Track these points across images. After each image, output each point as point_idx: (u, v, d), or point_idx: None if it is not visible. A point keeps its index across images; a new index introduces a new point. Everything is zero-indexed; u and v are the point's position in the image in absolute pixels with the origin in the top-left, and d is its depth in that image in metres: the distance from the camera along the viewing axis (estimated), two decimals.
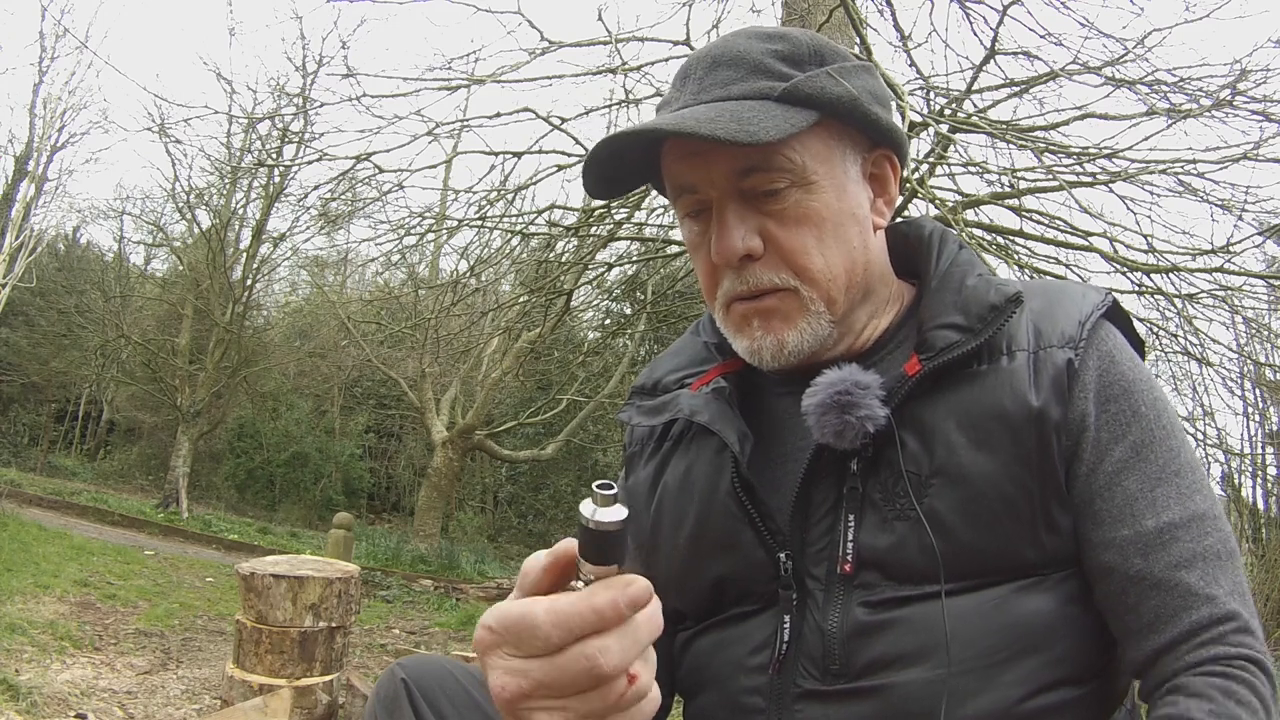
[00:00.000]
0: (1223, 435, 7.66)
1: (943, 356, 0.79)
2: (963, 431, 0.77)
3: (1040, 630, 0.75)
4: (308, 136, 6.83)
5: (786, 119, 0.77)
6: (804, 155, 0.80)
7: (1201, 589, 0.73)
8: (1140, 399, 0.79)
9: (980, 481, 0.76)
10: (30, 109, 16.57)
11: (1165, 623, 0.73)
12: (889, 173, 0.88)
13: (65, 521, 10.30)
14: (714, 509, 0.87)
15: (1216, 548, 0.75)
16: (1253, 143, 4.20)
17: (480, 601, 8.50)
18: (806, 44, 0.83)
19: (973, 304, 0.81)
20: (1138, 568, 0.74)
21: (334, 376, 19.39)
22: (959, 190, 5.34)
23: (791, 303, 0.82)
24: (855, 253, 0.84)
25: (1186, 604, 0.72)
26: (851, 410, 0.77)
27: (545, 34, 5.03)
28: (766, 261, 0.82)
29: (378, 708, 0.84)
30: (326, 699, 3.27)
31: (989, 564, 0.76)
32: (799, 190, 0.80)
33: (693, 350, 0.99)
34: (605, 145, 0.80)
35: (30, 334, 17.44)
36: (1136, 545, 0.75)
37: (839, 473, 0.81)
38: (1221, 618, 0.72)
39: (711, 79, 0.81)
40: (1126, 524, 0.75)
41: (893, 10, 4.77)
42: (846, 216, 0.83)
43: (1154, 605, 0.73)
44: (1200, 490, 0.77)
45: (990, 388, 0.78)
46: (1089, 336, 0.80)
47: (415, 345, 12.33)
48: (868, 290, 0.87)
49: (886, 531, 0.78)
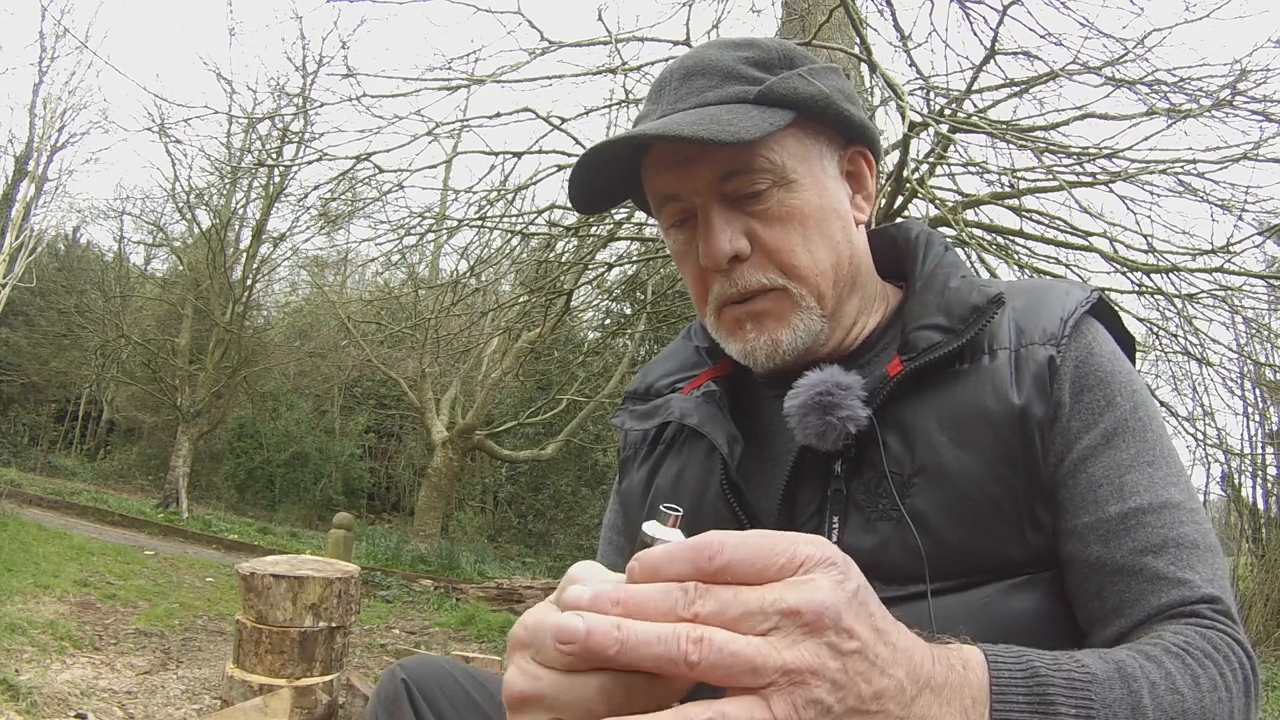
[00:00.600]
0: (1223, 435, 7.65)
1: (924, 357, 0.79)
2: (945, 431, 0.77)
3: (1029, 629, 0.73)
4: (308, 136, 6.83)
5: (764, 119, 0.78)
6: (783, 155, 0.81)
7: (1173, 573, 0.69)
8: (1117, 390, 0.77)
9: (963, 480, 0.75)
10: (30, 109, 16.63)
11: (1131, 606, 0.70)
12: (864, 169, 0.89)
13: (65, 521, 10.30)
14: (704, 511, 0.87)
15: (1193, 537, 0.71)
16: (1253, 143, 4.20)
17: (480, 601, 8.50)
18: (775, 50, 0.85)
19: (955, 305, 0.82)
20: (1098, 554, 0.72)
21: (334, 376, 19.41)
22: (959, 190, 5.35)
23: (783, 302, 0.83)
24: (840, 247, 0.85)
25: (1154, 588, 0.69)
26: (833, 411, 0.77)
27: (545, 34, 5.04)
28: (754, 262, 0.82)
29: (378, 708, 0.84)
30: (326, 699, 3.27)
31: (974, 563, 0.75)
32: (781, 190, 0.82)
33: (684, 354, 1.00)
34: (594, 154, 0.81)
35: (30, 334, 17.45)
36: (1097, 531, 0.73)
37: (823, 474, 0.81)
38: (1198, 599, 0.68)
39: (687, 88, 0.83)
40: (1089, 510, 0.74)
41: (893, 10, 4.78)
42: (829, 212, 0.84)
43: (1118, 590, 0.71)
44: (1177, 483, 0.74)
45: (972, 387, 0.78)
46: (1071, 333, 0.79)
47: (415, 345, 12.33)
48: (854, 283, 0.88)
49: (870, 532, 0.77)
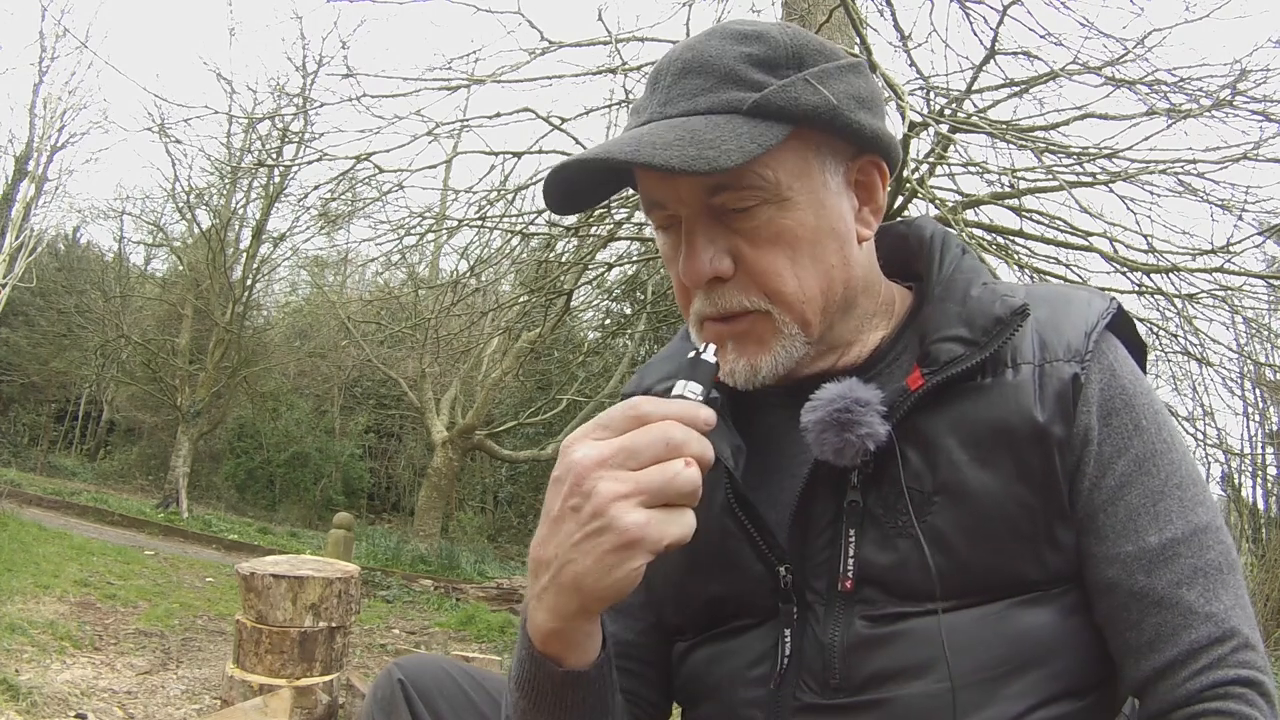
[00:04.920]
0: (1223, 435, 7.66)
1: (946, 371, 0.77)
2: (965, 448, 0.76)
3: (1043, 643, 0.74)
4: (308, 136, 6.84)
5: (754, 137, 0.73)
6: (777, 171, 0.76)
7: (1201, 607, 0.72)
8: (1142, 412, 0.78)
9: (983, 499, 0.75)
10: (30, 109, 16.62)
11: (1165, 641, 0.72)
12: (876, 180, 0.83)
13: (65, 521, 10.29)
14: (710, 525, 0.84)
15: (1218, 561, 0.74)
16: (1253, 143, 4.21)
17: (480, 601, 8.49)
18: (786, 45, 0.77)
19: (977, 316, 0.79)
20: (1141, 584, 0.74)
21: (334, 376, 19.40)
22: (959, 190, 5.35)
23: (764, 326, 0.79)
24: (834, 271, 0.80)
25: (1186, 622, 0.72)
26: (852, 429, 0.75)
27: (545, 34, 5.04)
28: (737, 283, 0.78)
29: (374, 708, 0.84)
30: (326, 699, 3.27)
31: (992, 581, 0.75)
32: (772, 207, 0.76)
33: (682, 357, 0.97)
34: (558, 173, 0.77)
35: (30, 334, 17.45)
36: (1140, 561, 0.74)
37: (838, 485, 0.79)
38: (1220, 637, 0.71)
39: (679, 89, 0.77)
40: (1130, 539, 0.75)
41: (893, 10, 4.77)
42: (825, 234, 0.79)
43: (1155, 623, 0.73)
44: (1202, 502, 0.77)
45: (994, 402, 0.77)
46: (1094, 349, 0.78)
47: (415, 345, 12.33)
48: (849, 306, 0.83)
49: (888, 549, 0.77)
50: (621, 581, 0.62)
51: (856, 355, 0.86)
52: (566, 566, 0.62)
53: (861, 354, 0.86)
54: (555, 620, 0.66)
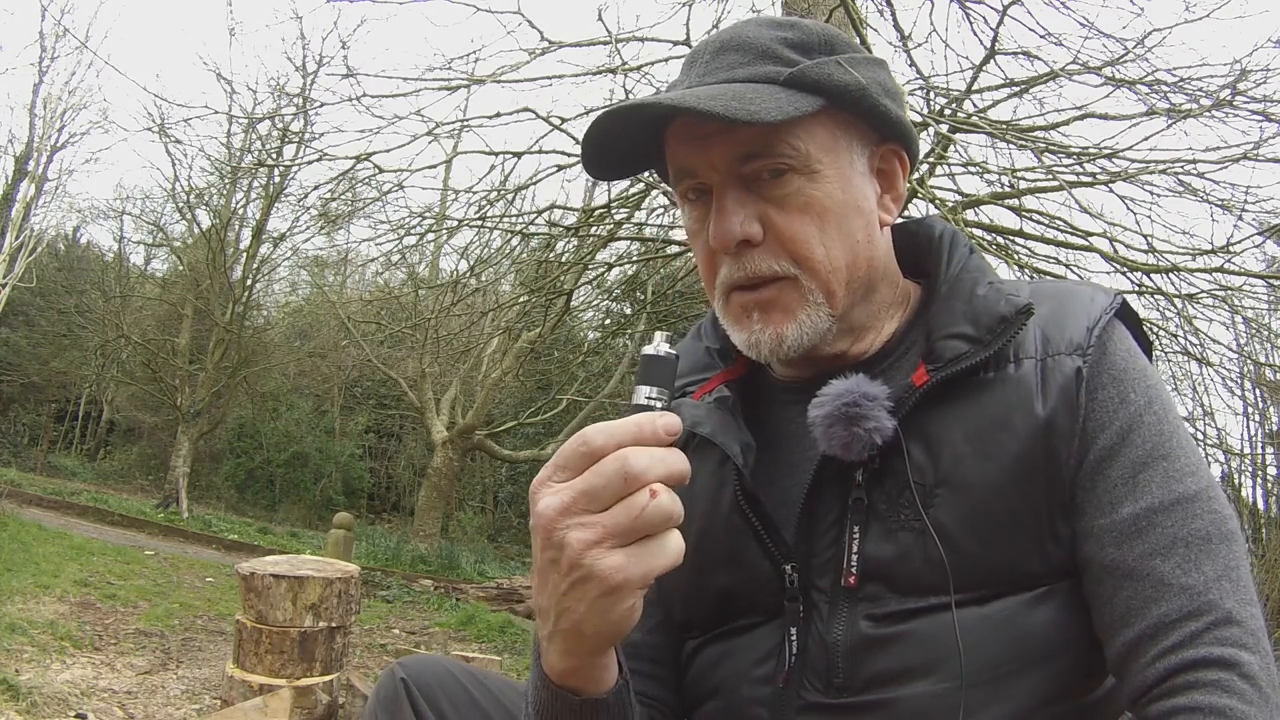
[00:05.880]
0: (1223, 435, 7.65)
1: (951, 368, 0.78)
2: (969, 442, 0.76)
3: (1049, 642, 0.74)
4: (308, 136, 6.83)
5: (790, 102, 0.75)
6: (808, 143, 0.78)
7: (1176, 578, 0.69)
8: (1130, 386, 0.77)
9: (986, 492, 0.75)
10: (30, 109, 16.65)
11: (1134, 615, 0.70)
12: (897, 168, 0.85)
13: (65, 521, 10.29)
14: (718, 522, 0.85)
15: (1205, 530, 0.71)
16: (1253, 143, 4.21)
17: (480, 601, 8.49)
18: (818, 33, 0.81)
19: (983, 314, 0.79)
20: (1111, 557, 0.72)
21: (334, 376, 19.40)
22: (959, 190, 5.35)
23: (791, 294, 0.80)
24: (859, 246, 0.81)
25: (1157, 594, 0.69)
26: (859, 422, 0.76)
27: (545, 34, 5.04)
28: (766, 248, 0.79)
29: (377, 708, 0.84)
30: (326, 699, 3.27)
31: (994, 575, 0.75)
32: (802, 178, 0.78)
33: (695, 355, 0.96)
34: (606, 118, 0.78)
35: (30, 334, 17.45)
36: (1111, 533, 0.73)
37: (843, 482, 0.80)
38: (1195, 610, 0.68)
39: (718, 63, 0.80)
40: (1104, 512, 0.73)
41: (893, 10, 4.77)
42: (851, 209, 0.80)
43: (1126, 596, 0.71)
44: (1192, 473, 0.74)
45: (997, 397, 0.77)
46: (1096, 343, 0.78)
47: (415, 345, 12.34)
48: (870, 288, 0.84)
49: (891, 543, 0.77)
50: (621, 621, 0.61)
51: (870, 343, 0.86)
52: (564, 615, 0.62)
53: (875, 343, 0.86)
54: (569, 660, 0.66)
